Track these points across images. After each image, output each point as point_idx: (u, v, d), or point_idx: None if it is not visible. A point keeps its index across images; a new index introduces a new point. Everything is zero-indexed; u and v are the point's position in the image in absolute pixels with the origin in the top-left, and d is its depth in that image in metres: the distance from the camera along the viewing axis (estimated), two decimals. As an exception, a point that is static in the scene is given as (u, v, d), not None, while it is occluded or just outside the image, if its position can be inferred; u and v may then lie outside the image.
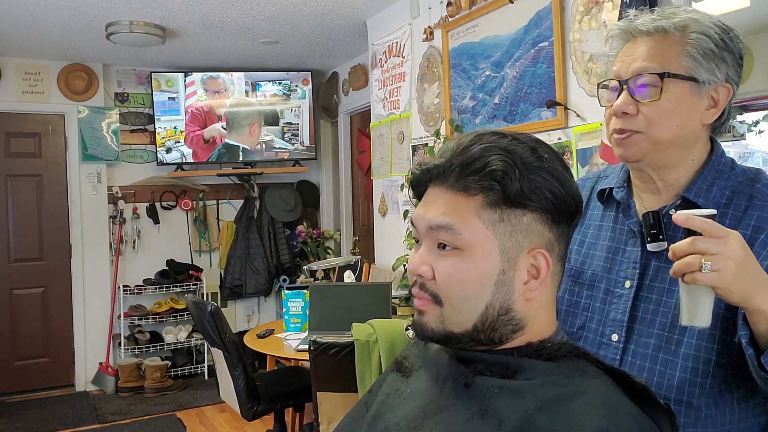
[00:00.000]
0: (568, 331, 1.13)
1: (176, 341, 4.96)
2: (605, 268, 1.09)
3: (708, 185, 1.02)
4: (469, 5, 3.07)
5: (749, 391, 0.96)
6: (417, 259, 0.79)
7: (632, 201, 1.10)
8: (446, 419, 0.75)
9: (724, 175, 1.03)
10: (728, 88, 1.00)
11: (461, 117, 3.17)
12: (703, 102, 0.99)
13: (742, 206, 1.00)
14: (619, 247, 1.08)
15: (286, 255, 5.36)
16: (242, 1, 3.54)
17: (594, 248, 1.13)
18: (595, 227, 1.14)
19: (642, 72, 0.99)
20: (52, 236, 4.86)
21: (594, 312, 1.09)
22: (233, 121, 5.01)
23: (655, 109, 0.99)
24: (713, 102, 1.00)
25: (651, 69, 0.99)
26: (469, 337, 0.77)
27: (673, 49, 0.99)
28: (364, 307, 2.84)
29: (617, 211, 1.12)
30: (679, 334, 0.98)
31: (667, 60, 0.98)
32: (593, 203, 1.17)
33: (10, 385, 4.68)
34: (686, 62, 0.98)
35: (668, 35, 0.99)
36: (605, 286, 1.08)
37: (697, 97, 0.99)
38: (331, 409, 2.32)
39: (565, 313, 1.14)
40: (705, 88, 0.99)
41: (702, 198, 1.01)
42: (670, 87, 0.98)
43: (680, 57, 0.98)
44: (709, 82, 0.98)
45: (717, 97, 1.00)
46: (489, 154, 0.75)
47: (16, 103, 4.69)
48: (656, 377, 0.99)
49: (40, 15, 3.67)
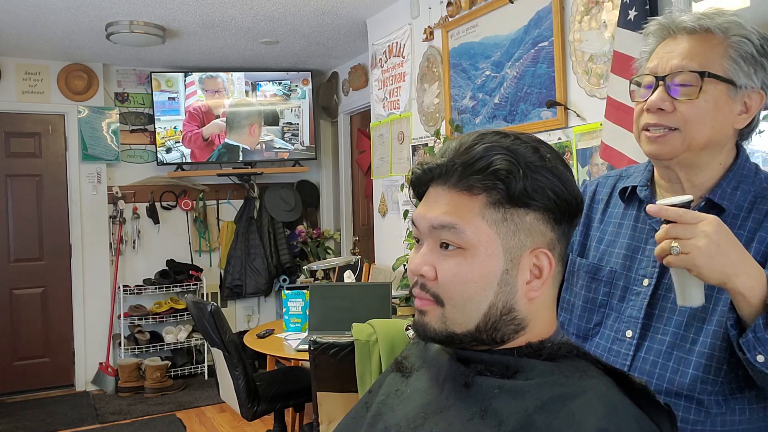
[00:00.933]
0: (584, 327, 1.13)
1: (176, 341, 4.96)
2: (624, 266, 1.09)
3: (732, 188, 1.02)
4: (469, 5, 3.07)
5: (762, 392, 0.97)
6: (419, 259, 0.79)
7: (655, 200, 1.09)
8: (446, 419, 0.75)
9: (749, 179, 1.03)
10: (762, 95, 1.00)
11: (461, 117, 3.17)
12: (737, 106, 1.00)
13: (764, 210, 1.00)
14: (639, 246, 1.09)
15: (286, 255, 5.36)
16: (242, 1, 3.54)
17: (613, 246, 1.12)
18: (615, 225, 1.14)
19: (681, 69, 0.99)
20: (52, 236, 4.86)
21: (611, 309, 1.10)
22: (233, 121, 5.01)
23: (693, 108, 0.98)
24: (746, 108, 1.00)
25: (691, 67, 0.98)
26: (471, 337, 0.77)
27: (715, 49, 0.98)
28: (364, 307, 2.84)
29: (639, 210, 1.11)
30: (694, 333, 0.99)
31: (708, 60, 0.98)
32: (614, 201, 1.17)
33: (10, 385, 4.68)
34: (726, 64, 0.97)
35: (711, 35, 0.99)
36: (623, 284, 1.08)
37: (732, 101, 0.99)
38: (331, 409, 2.32)
39: (581, 308, 1.14)
40: (740, 93, 0.99)
41: (726, 201, 1.01)
42: (709, 87, 0.98)
43: (721, 58, 0.98)
44: (746, 87, 0.98)
45: (750, 103, 1.00)
46: (492, 153, 0.75)
47: (16, 103, 4.69)
48: (669, 374, 0.99)
49: (40, 15, 3.67)
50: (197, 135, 4.96)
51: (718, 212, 1.01)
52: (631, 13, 2.09)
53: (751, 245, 0.98)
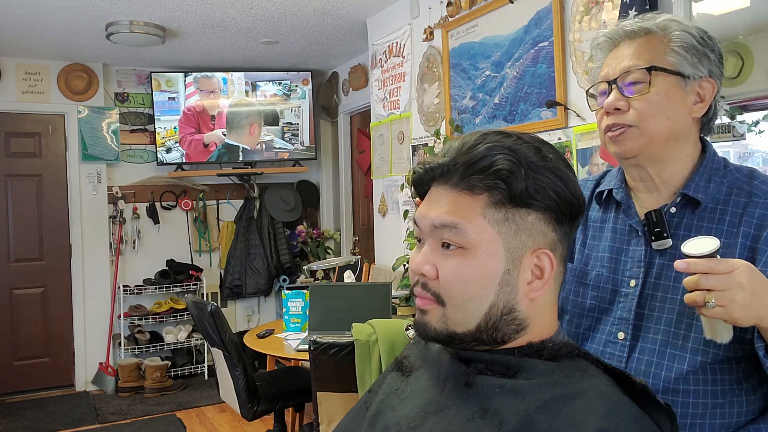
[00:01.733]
0: (575, 332, 1.13)
1: (176, 341, 4.95)
2: (609, 269, 1.10)
3: (705, 182, 1.04)
4: (469, 5, 3.07)
5: (757, 383, 0.98)
6: (420, 259, 0.79)
7: (631, 201, 1.11)
8: (446, 419, 0.75)
9: (719, 172, 1.05)
10: (712, 83, 1.03)
11: (461, 117, 3.17)
12: (690, 97, 1.03)
13: (741, 203, 1.01)
14: (622, 247, 1.09)
15: (286, 255, 5.36)
16: (242, 1, 3.54)
17: (596, 249, 1.13)
18: (596, 228, 1.16)
19: (630, 69, 1.03)
20: (52, 236, 4.86)
21: (601, 313, 1.10)
22: (233, 121, 5.01)
23: (646, 102, 1.01)
24: (699, 97, 1.03)
25: (638, 66, 1.02)
26: (472, 337, 0.77)
27: (658, 47, 1.02)
28: (364, 307, 2.84)
29: (617, 212, 1.13)
30: (685, 330, 0.99)
31: (654, 56, 1.02)
32: (592, 205, 1.18)
33: (10, 385, 4.68)
34: (671, 58, 1.01)
35: (652, 35, 1.03)
36: (611, 287, 1.09)
37: (684, 91, 1.02)
38: (331, 409, 2.32)
39: (571, 314, 1.14)
40: (690, 84, 1.02)
41: (701, 194, 1.03)
42: (659, 80, 1.01)
43: (665, 53, 1.02)
44: (694, 77, 1.01)
45: (702, 92, 1.03)
46: (494, 153, 0.75)
47: (16, 103, 4.69)
48: (664, 372, 1.00)
49: (40, 15, 3.67)
50: (198, 141, 4.95)
51: (695, 206, 1.03)
52: (631, 13, 2.09)
53: (735, 240, 0.99)
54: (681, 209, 1.04)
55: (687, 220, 1.04)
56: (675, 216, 1.05)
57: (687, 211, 1.04)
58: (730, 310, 0.85)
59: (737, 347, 0.96)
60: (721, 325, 0.90)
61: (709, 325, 0.92)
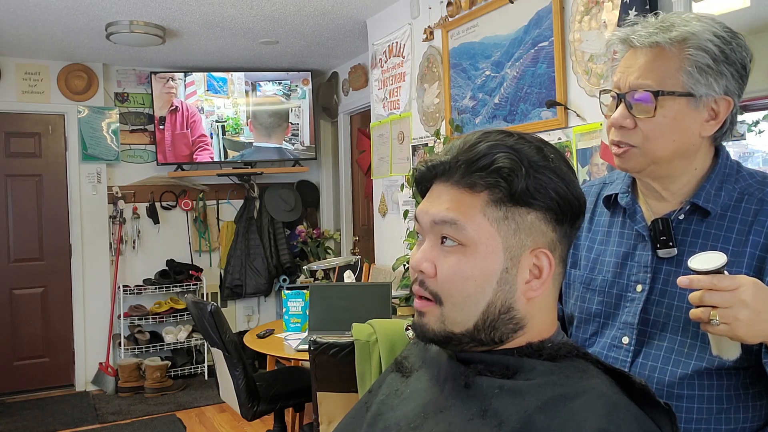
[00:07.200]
0: (582, 338, 1.13)
1: (176, 341, 4.95)
2: (616, 273, 1.09)
3: (716, 190, 1.02)
4: (469, 5, 3.07)
5: (764, 389, 0.97)
6: (419, 255, 0.79)
7: (638, 206, 1.09)
8: (446, 419, 0.75)
9: (731, 178, 1.03)
10: (728, 101, 0.98)
11: (461, 117, 3.17)
12: (702, 114, 0.98)
13: (751, 210, 0.99)
14: (629, 252, 1.08)
15: (286, 255, 5.36)
16: (242, 1, 3.54)
17: (604, 254, 1.12)
18: (604, 233, 1.14)
19: (637, 88, 0.99)
20: (52, 236, 4.86)
21: (607, 317, 1.09)
22: (233, 121, 5.01)
23: (651, 125, 0.98)
24: (713, 114, 0.99)
25: (646, 86, 0.98)
26: (470, 336, 0.77)
27: (670, 64, 0.97)
28: (364, 307, 2.84)
29: (624, 217, 1.11)
30: (691, 338, 0.98)
31: (663, 76, 0.97)
32: (600, 209, 1.17)
33: (10, 385, 4.68)
34: (683, 78, 0.96)
35: (665, 50, 0.98)
36: (617, 292, 1.08)
37: (695, 110, 0.98)
38: (331, 409, 2.32)
39: (578, 320, 1.14)
40: (703, 101, 0.97)
41: (711, 203, 1.01)
42: (666, 104, 0.97)
43: (677, 73, 0.97)
44: (707, 95, 0.97)
45: (717, 109, 0.99)
46: (496, 151, 0.75)
47: (15, 103, 4.69)
48: (668, 377, 0.99)
49: (40, 15, 3.67)
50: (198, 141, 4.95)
51: (704, 214, 1.01)
52: (631, 13, 2.09)
53: (744, 249, 0.97)
54: (689, 216, 1.02)
55: (695, 227, 1.02)
56: (683, 222, 1.03)
57: (695, 218, 1.02)
58: (734, 327, 0.85)
59: (743, 357, 0.94)
60: (728, 342, 0.89)
61: (716, 341, 0.91)
